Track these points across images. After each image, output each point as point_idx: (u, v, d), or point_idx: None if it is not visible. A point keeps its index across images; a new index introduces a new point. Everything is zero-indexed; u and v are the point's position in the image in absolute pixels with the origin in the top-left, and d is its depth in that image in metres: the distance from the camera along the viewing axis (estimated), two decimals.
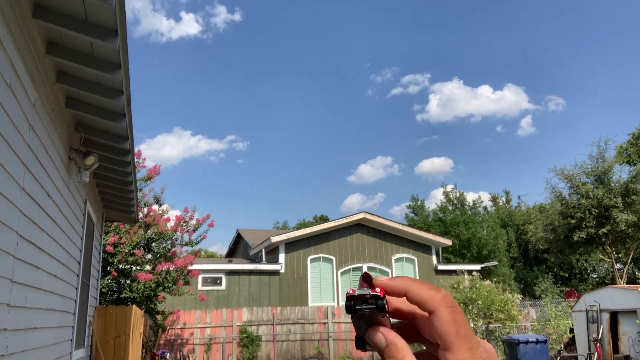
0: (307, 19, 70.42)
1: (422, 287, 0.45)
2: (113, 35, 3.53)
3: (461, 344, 0.43)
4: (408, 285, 0.46)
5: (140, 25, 65.66)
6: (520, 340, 11.90)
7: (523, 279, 34.36)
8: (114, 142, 5.25)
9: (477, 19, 62.03)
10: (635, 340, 12.46)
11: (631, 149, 34.41)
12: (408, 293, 0.46)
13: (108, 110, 4.69)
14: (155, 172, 12.85)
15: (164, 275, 12.00)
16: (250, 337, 16.19)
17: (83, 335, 6.78)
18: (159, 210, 12.79)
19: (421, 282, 0.46)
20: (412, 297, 0.46)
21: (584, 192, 21.12)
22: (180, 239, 13.13)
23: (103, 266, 11.16)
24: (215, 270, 18.75)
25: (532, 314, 19.54)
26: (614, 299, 13.32)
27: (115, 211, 8.56)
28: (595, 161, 21.51)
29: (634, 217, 20.31)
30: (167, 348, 15.08)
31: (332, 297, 19.60)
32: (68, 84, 4.24)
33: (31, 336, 3.92)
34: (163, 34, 68.74)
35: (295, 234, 19.83)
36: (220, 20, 69.46)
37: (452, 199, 35.61)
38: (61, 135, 4.73)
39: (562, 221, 22.31)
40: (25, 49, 3.40)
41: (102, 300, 11.58)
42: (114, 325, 8.14)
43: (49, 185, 4.29)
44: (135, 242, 11.73)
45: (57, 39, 3.75)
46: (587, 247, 22.84)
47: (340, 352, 17.01)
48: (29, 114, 3.54)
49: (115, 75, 3.94)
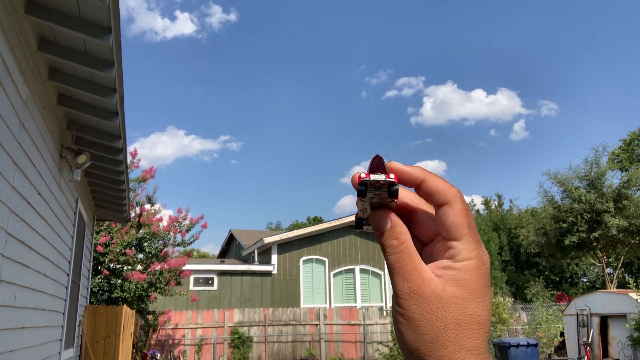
0: (303, 21, 70.49)
1: (438, 178, 0.45)
2: (107, 33, 3.50)
3: (471, 236, 0.44)
4: (426, 174, 0.45)
5: (134, 24, 65.47)
6: (511, 343, 11.93)
7: (514, 282, 34.50)
8: (106, 140, 5.21)
9: (471, 24, 62.35)
10: (624, 344, 12.53)
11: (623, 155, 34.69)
12: (425, 182, 0.45)
13: (101, 108, 4.65)
14: (150, 174, 12.77)
15: (157, 276, 11.93)
16: (241, 338, 16.12)
17: (73, 335, 6.72)
18: (151, 210, 12.72)
19: (435, 174, 0.45)
20: (429, 186, 0.45)
21: (576, 196, 21.24)
22: (172, 240, 13.07)
23: (94, 265, 11.08)
24: (207, 271, 18.67)
25: (523, 318, 19.61)
26: (604, 303, 13.39)
27: (106, 210, 8.50)
28: (589, 166, 21.63)
29: (625, 222, 20.44)
30: (158, 348, 14.99)
31: (325, 299, 19.58)
32: (60, 82, 4.20)
33: (19, 336, 3.87)
34: (158, 33, 68.57)
35: (288, 235, 19.80)
36: (216, 20, 69.40)
37: None
38: (53, 133, 4.69)
39: (553, 225, 22.41)
40: (17, 45, 3.36)
41: (93, 300, 11.50)
42: (104, 325, 8.08)
43: (40, 184, 4.25)
44: (126, 241, 11.65)
45: (49, 35, 3.71)
46: (578, 252, 22.95)
47: (332, 354, 16.98)
48: (20, 111, 3.50)
49: (108, 73, 3.91)
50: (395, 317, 0.45)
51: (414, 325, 0.43)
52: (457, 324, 0.42)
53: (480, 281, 0.44)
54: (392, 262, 0.45)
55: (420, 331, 0.43)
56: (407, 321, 0.44)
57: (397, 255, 0.45)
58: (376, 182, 0.43)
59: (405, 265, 0.44)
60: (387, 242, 0.45)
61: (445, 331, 0.42)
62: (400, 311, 0.44)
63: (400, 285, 0.44)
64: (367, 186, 0.44)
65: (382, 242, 0.46)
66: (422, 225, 0.48)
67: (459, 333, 0.42)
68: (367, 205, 0.46)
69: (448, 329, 0.42)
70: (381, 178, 0.43)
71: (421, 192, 0.45)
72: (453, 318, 0.43)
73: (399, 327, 0.45)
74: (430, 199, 0.45)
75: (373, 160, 0.44)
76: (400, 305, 0.44)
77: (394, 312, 0.46)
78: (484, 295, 0.44)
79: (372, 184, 0.43)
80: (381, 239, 0.46)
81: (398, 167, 0.45)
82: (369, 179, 0.43)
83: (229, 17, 68.93)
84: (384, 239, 0.46)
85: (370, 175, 0.43)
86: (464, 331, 0.42)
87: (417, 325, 0.43)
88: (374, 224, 0.46)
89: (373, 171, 0.43)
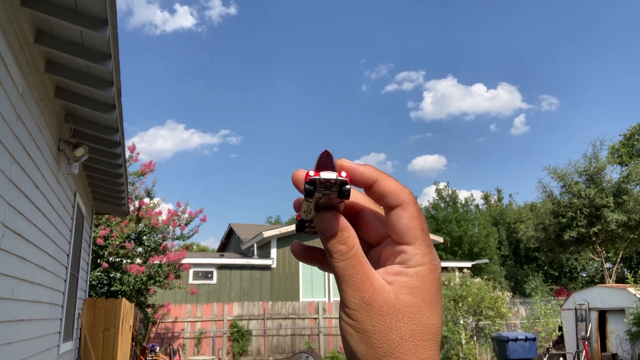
0: (303, 14, 70.22)
1: (391, 178, 0.42)
2: (103, 25, 3.48)
3: (424, 240, 0.42)
4: (378, 174, 0.42)
5: (133, 17, 65.21)
6: (509, 337, 11.97)
7: (513, 277, 34.58)
8: (104, 133, 5.20)
9: (472, 18, 62.12)
10: (622, 339, 12.58)
11: (622, 149, 34.68)
12: (378, 183, 0.42)
13: (98, 101, 4.64)
14: (149, 168, 12.78)
15: (155, 269, 11.96)
16: (240, 332, 16.18)
17: (72, 328, 6.74)
18: (150, 204, 12.74)
19: (387, 174, 0.43)
20: (382, 187, 0.42)
21: (575, 191, 21.25)
22: (172, 233, 13.09)
23: (93, 259, 11.10)
24: (206, 265, 18.71)
25: (522, 312, 19.67)
26: (603, 298, 13.43)
27: (105, 204, 8.50)
28: (588, 161, 21.64)
29: (625, 217, 20.47)
30: (157, 341, 15.04)
31: (324, 293, 19.63)
32: (57, 74, 4.19)
33: (17, 328, 3.88)
34: (157, 26, 68.29)
35: (287, 229, 19.82)
36: (215, 13, 69.09)
37: (444, 197, 35.71)
38: (50, 126, 4.68)
39: (553, 220, 22.44)
40: (13, 37, 3.35)
41: (92, 293, 11.53)
42: (103, 318, 8.10)
43: (37, 177, 4.24)
44: (126, 234, 11.67)
45: (46, 27, 3.69)
46: (577, 246, 23.01)
47: (331, 348, 17.05)
48: (17, 103, 3.49)
49: (105, 66, 3.90)
50: (344, 330, 0.42)
51: (367, 339, 0.41)
52: (413, 335, 0.40)
53: (433, 288, 0.42)
54: (340, 269, 0.42)
55: (373, 344, 0.40)
56: (359, 334, 0.41)
57: (345, 262, 0.42)
58: (326, 181, 0.39)
59: (355, 273, 0.41)
60: (334, 248, 0.42)
61: (400, 343, 0.40)
62: (350, 323, 0.41)
63: (349, 295, 0.41)
64: (316, 185, 0.39)
65: (329, 247, 0.42)
66: (369, 227, 0.46)
67: (415, 345, 0.40)
68: (312, 206, 0.43)
69: (403, 341, 0.40)
70: (332, 177, 0.39)
71: (372, 193, 0.43)
72: (408, 329, 0.40)
73: (349, 340, 0.42)
74: (382, 201, 0.42)
75: (321, 156, 0.40)
76: (351, 316, 0.41)
77: (343, 325, 0.42)
78: (437, 303, 0.42)
79: (321, 183, 0.39)
80: (327, 244, 0.42)
81: (349, 165, 0.42)
82: (318, 177, 0.39)
83: (229, 11, 68.65)
84: (331, 244, 0.42)
85: (320, 174, 0.39)
86: (419, 342, 0.40)
87: (369, 338, 0.40)
88: (320, 227, 0.43)
89: (321, 168, 0.40)
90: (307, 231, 0.46)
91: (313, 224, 0.44)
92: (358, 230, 0.45)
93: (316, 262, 0.48)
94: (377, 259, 0.45)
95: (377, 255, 0.45)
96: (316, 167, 0.40)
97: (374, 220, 0.45)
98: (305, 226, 0.46)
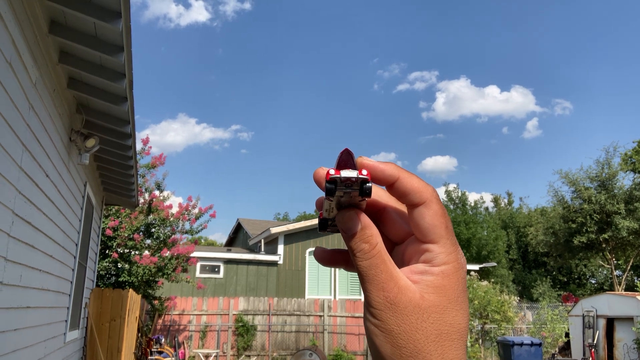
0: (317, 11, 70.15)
1: (413, 176, 0.42)
2: (116, 17, 3.50)
3: (449, 238, 0.41)
4: (400, 172, 0.42)
5: (148, 10, 65.62)
6: (515, 342, 11.90)
7: (521, 281, 34.36)
8: (115, 125, 5.24)
9: (487, 19, 61.66)
10: (630, 347, 12.45)
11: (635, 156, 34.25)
12: (400, 180, 0.41)
13: (110, 93, 4.66)
14: (160, 161, 12.86)
15: (166, 261, 12.04)
16: (245, 326, 16.24)
17: (78, 317, 6.80)
18: (160, 197, 12.83)
19: (409, 172, 0.42)
20: (404, 185, 0.41)
21: (586, 196, 21.05)
22: (181, 227, 13.16)
23: (102, 249, 11.19)
24: (213, 259, 18.80)
25: (529, 317, 19.54)
26: (611, 305, 13.29)
27: (115, 195, 8.56)
28: (601, 167, 21.42)
29: (636, 224, 20.24)
30: (163, 333, 15.15)
31: (329, 290, 19.64)
32: (71, 65, 4.22)
33: (24, 315, 3.93)
34: (172, 20, 68.68)
35: (295, 226, 19.85)
36: (230, 8, 69.32)
37: (453, 198, 35.56)
38: (62, 116, 4.72)
39: (563, 225, 22.25)
40: (28, 27, 3.38)
41: (100, 283, 11.63)
42: (109, 308, 8.16)
43: (48, 166, 4.28)
44: (135, 226, 11.76)
45: (60, 18, 3.72)
46: (586, 252, 22.80)
47: (335, 346, 17.05)
48: (29, 92, 3.53)
49: (117, 58, 3.92)
50: (370, 330, 0.42)
51: (392, 338, 0.40)
52: (438, 335, 0.40)
53: (458, 287, 0.41)
54: (363, 268, 0.41)
55: (399, 344, 0.40)
56: (384, 334, 0.41)
57: (369, 261, 0.41)
58: (347, 179, 0.39)
59: (379, 272, 0.41)
60: (357, 246, 0.42)
61: (426, 343, 0.40)
62: (375, 323, 0.41)
63: (374, 294, 0.41)
64: (337, 184, 0.39)
65: (351, 245, 0.42)
66: (392, 225, 0.45)
67: (440, 345, 0.40)
68: (334, 205, 0.42)
69: (429, 341, 0.40)
70: (353, 175, 0.39)
71: (394, 191, 0.42)
72: (434, 329, 0.40)
73: (374, 340, 0.42)
74: (404, 199, 0.42)
75: (342, 154, 0.40)
76: (376, 316, 0.41)
77: (368, 324, 0.42)
78: (463, 302, 0.42)
79: (342, 181, 0.39)
80: (350, 243, 0.42)
81: (370, 163, 0.41)
82: (339, 175, 0.39)
83: (244, 6, 68.81)
84: (354, 243, 0.42)
85: (340, 172, 0.39)
86: (445, 342, 0.40)
87: (395, 338, 0.40)
88: (342, 225, 0.42)
89: (342, 167, 0.39)
90: (330, 230, 0.46)
91: (335, 223, 0.44)
92: (381, 228, 0.45)
93: (341, 263, 0.48)
94: (401, 257, 0.45)
95: (401, 253, 0.45)
96: (337, 165, 0.40)
97: (397, 217, 0.45)
98: (327, 225, 0.45)
